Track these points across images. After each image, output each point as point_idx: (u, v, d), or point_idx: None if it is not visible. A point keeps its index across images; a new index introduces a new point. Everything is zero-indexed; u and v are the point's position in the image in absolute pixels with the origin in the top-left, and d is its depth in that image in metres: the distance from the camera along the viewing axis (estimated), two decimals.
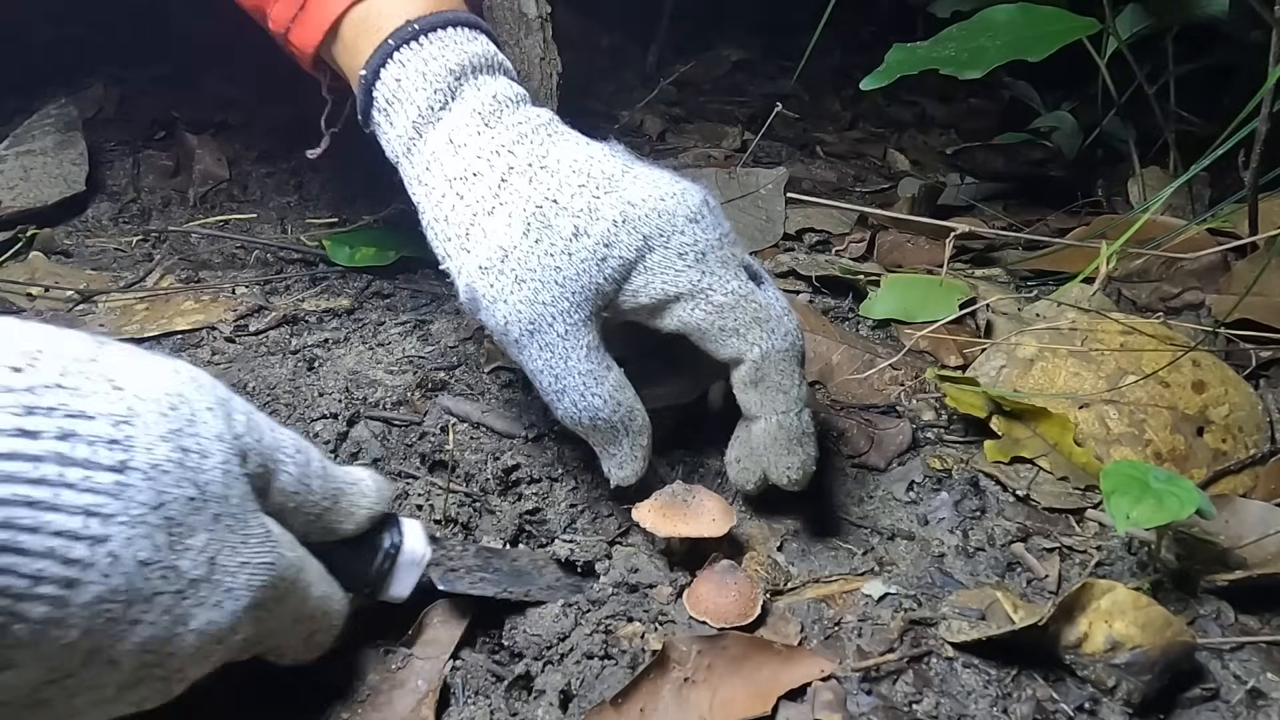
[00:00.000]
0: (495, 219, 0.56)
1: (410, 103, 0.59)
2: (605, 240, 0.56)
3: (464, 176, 0.57)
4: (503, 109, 0.60)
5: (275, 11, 0.64)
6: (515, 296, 0.55)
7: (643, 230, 0.56)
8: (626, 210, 0.56)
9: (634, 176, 0.58)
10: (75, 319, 0.83)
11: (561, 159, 0.58)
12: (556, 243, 0.55)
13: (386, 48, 0.60)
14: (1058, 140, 1.29)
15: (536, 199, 0.56)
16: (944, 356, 0.82)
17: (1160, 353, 0.74)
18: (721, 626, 0.55)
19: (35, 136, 1.03)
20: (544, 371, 0.57)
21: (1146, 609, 0.53)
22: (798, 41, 1.08)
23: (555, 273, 0.55)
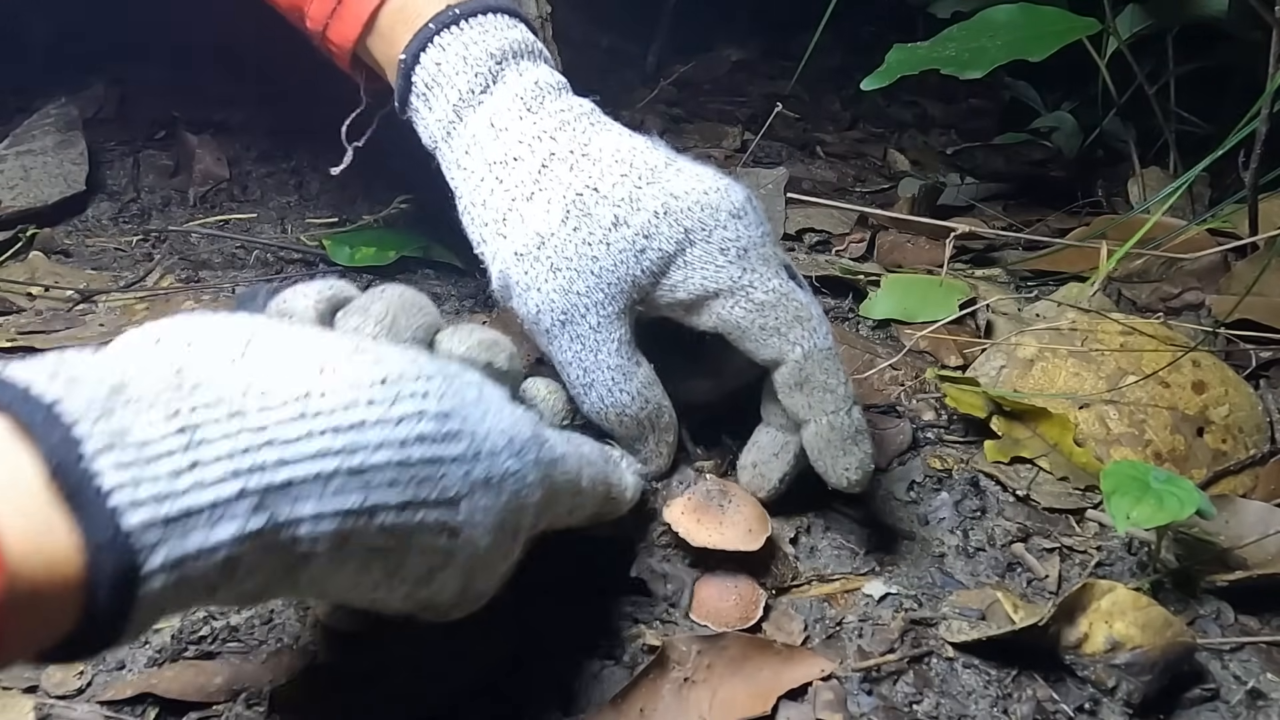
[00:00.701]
0: (534, 204, 0.56)
1: (450, 86, 0.59)
2: (645, 231, 0.55)
3: (504, 161, 0.57)
4: (545, 95, 0.59)
5: (313, 9, 0.64)
6: (550, 285, 0.55)
7: (685, 223, 0.55)
8: (669, 202, 0.55)
9: (677, 169, 0.57)
10: (75, 318, 0.82)
11: (604, 147, 0.57)
12: (595, 231, 0.55)
13: (427, 32, 0.59)
14: (1058, 140, 1.29)
15: (577, 186, 0.55)
16: (944, 356, 0.82)
17: (1160, 353, 0.74)
18: (723, 629, 0.55)
19: (35, 136, 1.03)
20: (573, 364, 0.56)
21: (1147, 609, 0.53)
22: (798, 41, 1.08)
23: (592, 262, 0.55)
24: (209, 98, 1.14)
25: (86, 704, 0.50)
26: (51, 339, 0.78)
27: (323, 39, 0.65)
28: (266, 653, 0.54)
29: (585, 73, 0.86)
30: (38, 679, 0.51)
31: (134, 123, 1.13)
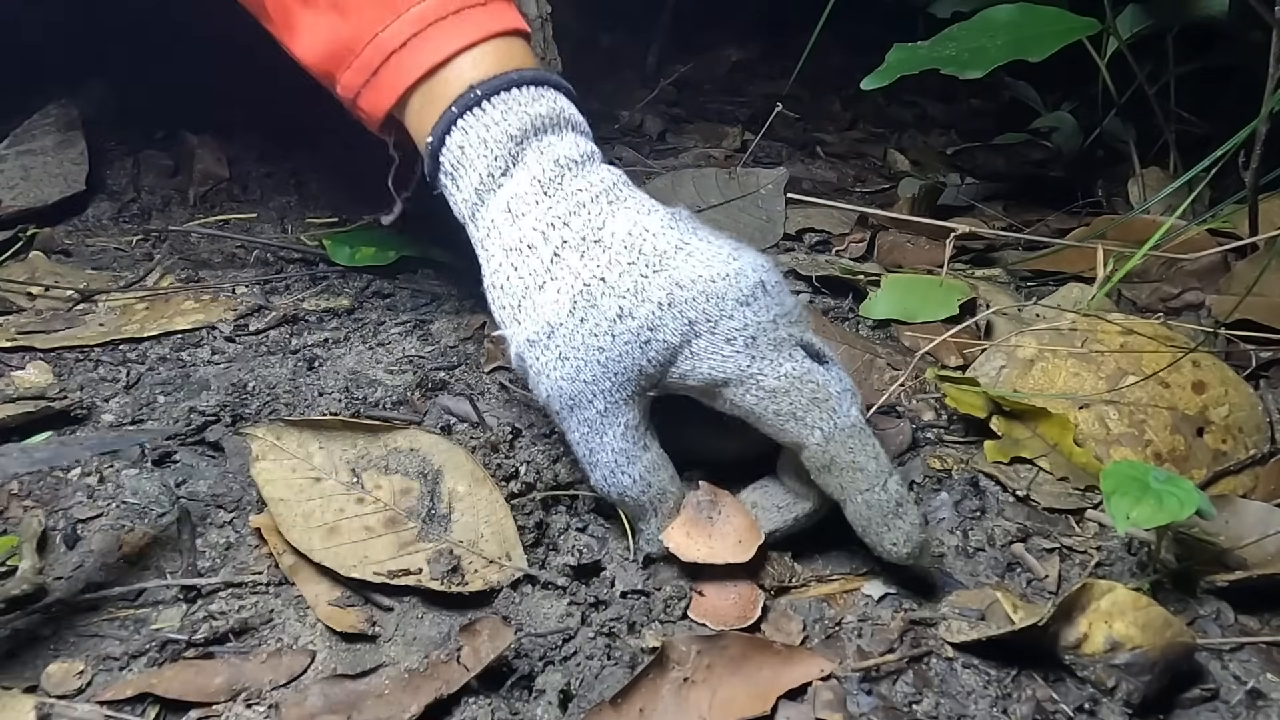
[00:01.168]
0: (545, 294, 0.57)
1: (473, 169, 0.59)
2: (650, 324, 0.55)
3: (519, 248, 0.58)
4: (565, 174, 0.59)
5: (345, 78, 0.64)
6: (558, 373, 0.56)
7: (689, 315, 0.55)
8: (674, 292, 0.55)
9: (687, 254, 0.56)
10: (75, 318, 0.82)
11: (616, 232, 0.57)
12: (601, 323, 0.55)
13: (450, 115, 0.59)
14: (1058, 140, 1.29)
15: (585, 276, 0.56)
16: (944, 356, 0.82)
17: (1160, 353, 0.74)
18: (721, 629, 0.55)
19: (35, 136, 1.03)
20: (580, 444, 0.58)
21: (1146, 609, 0.53)
22: (798, 41, 1.08)
23: (599, 353, 0.55)
24: (209, 98, 1.14)
25: (86, 704, 0.50)
26: (51, 339, 0.78)
27: (353, 105, 0.65)
28: (266, 653, 0.54)
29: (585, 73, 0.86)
30: (38, 679, 0.51)
31: (134, 123, 1.13)
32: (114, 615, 0.56)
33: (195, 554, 0.60)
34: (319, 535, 0.58)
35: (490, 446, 0.68)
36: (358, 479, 0.62)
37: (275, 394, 0.73)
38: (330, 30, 0.63)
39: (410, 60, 0.61)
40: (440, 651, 0.53)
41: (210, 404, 0.71)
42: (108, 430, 0.69)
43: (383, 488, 0.62)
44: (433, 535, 0.60)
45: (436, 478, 0.63)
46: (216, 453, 0.68)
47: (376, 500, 0.61)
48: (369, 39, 0.62)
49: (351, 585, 0.57)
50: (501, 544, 0.60)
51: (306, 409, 0.71)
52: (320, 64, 0.65)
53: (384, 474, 0.62)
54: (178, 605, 0.56)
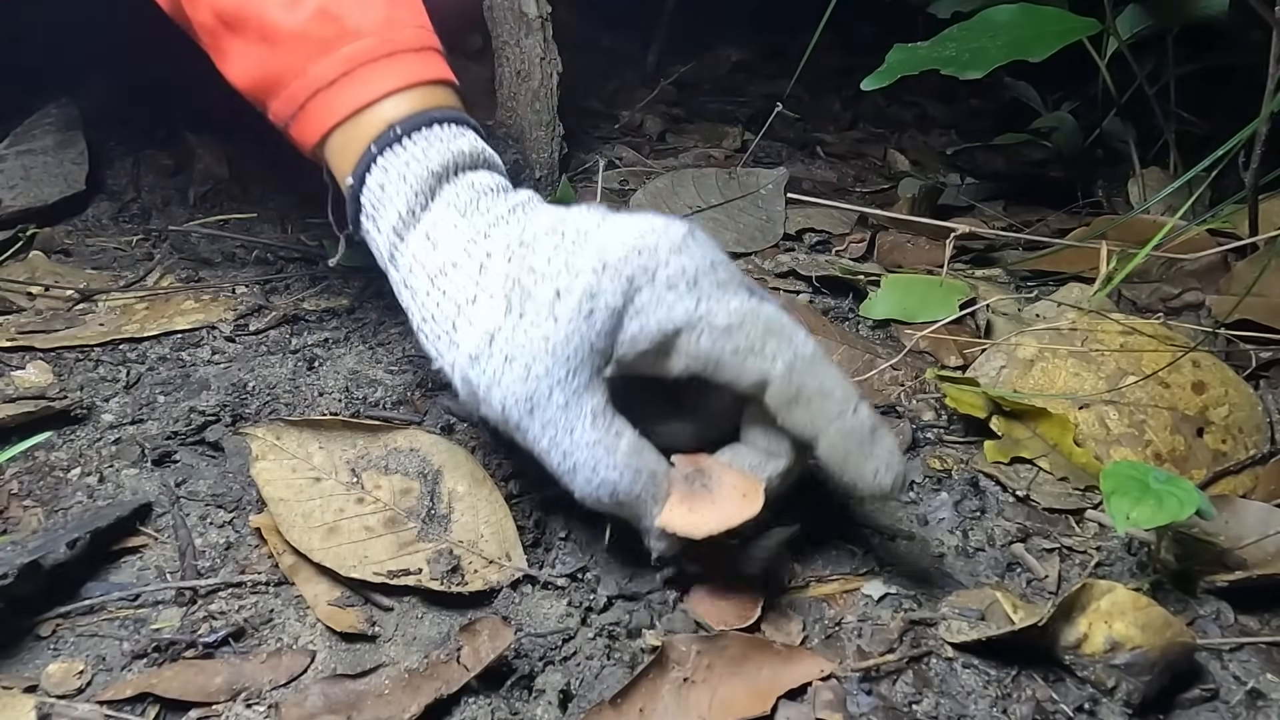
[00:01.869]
0: (478, 306, 0.55)
1: (392, 208, 0.58)
2: (589, 292, 0.53)
3: (444, 271, 0.56)
4: (480, 197, 0.59)
5: (274, 107, 0.64)
6: (508, 376, 0.53)
7: (625, 271, 0.53)
8: (604, 256, 0.53)
9: (611, 225, 0.55)
10: (75, 318, 0.82)
11: (537, 228, 0.56)
12: (540, 310, 0.53)
13: (369, 155, 0.59)
14: (1058, 140, 1.29)
15: (514, 273, 0.54)
16: (944, 356, 0.82)
17: (1160, 353, 0.74)
18: (720, 628, 0.55)
19: (35, 136, 1.03)
20: (551, 450, 0.53)
21: (1146, 610, 0.53)
22: (798, 41, 1.08)
23: (544, 342, 0.52)
24: (209, 98, 1.14)
25: (86, 704, 0.50)
26: (51, 339, 0.78)
27: (284, 130, 0.65)
28: (266, 653, 0.54)
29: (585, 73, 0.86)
30: (38, 679, 0.51)
31: (134, 123, 1.13)
32: (114, 615, 0.56)
33: (195, 554, 0.60)
34: (319, 535, 0.58)
35: (490, 447, 0.68)
36: (357, 479, 0.62)
37: (275, 394, 0.73)
38: (259, 61, 0.63)
39: (336, 100, 0.60)
40: (440, 651, 0.53)
41: (210, 404, 0.71)
42: (108, 430, 0.69)
43: (383, 488, 0.62)
44: (433, 535, 0.60)
45: (436, 478, 0.63)
46: (216, 453, 0.68)
47: (376, 500, 0.61)
48: (298, 73, 0.61)
49: (351, 585, 0.57)
50: (501, 544, 0.60)
51: (306, 409, 0.71)
52: (250, 90, 0.65)
53: (384, 474, 0.62)
54: (178, 605, 0.56)
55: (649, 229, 0.54)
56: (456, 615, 0.56)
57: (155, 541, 0.61)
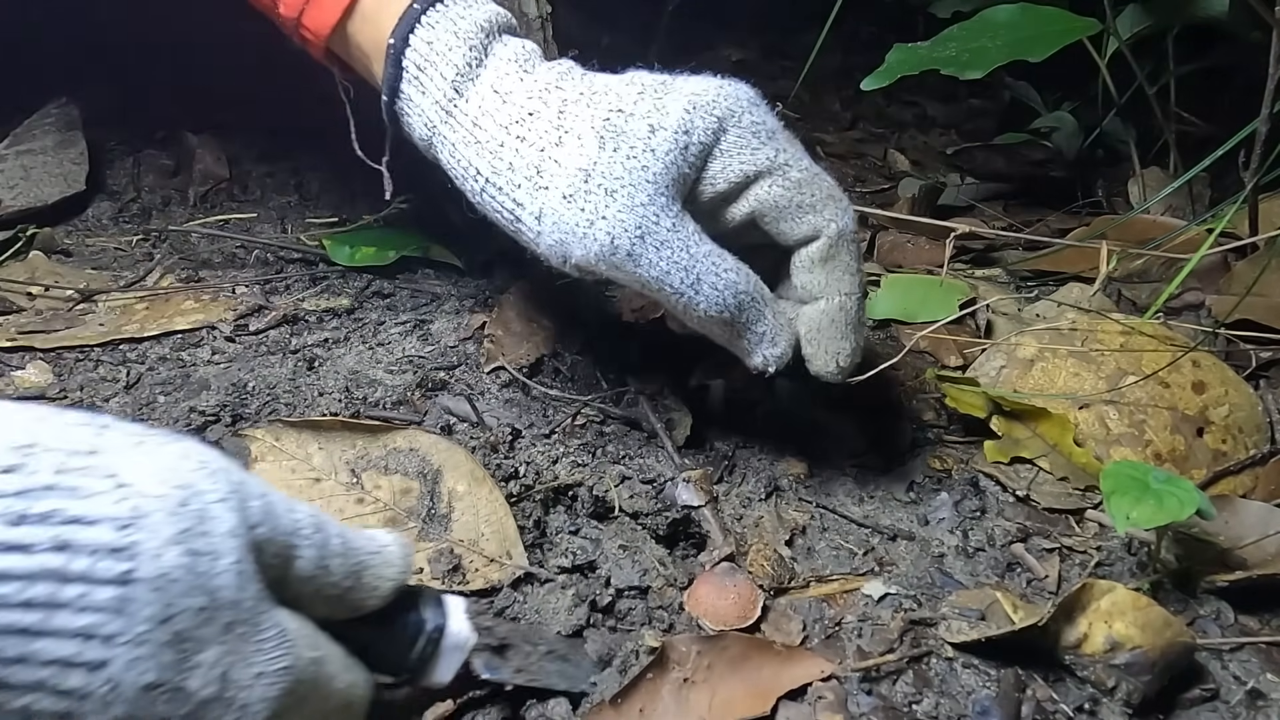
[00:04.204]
0: (565, 147, 0.56)
1: (446, 63, 0.59)
2: (684, 127, 0.55)
3: (520, 119, 0.57)
4: (533, 58, 0.60)
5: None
6: (612, 208, 0.54)
7: (715, 112, 0.56)
8: (694, 98, 0.56)
9: (685, 78, 0.58)
10: (75, 318, 0.82)
11: (609, 82, 0.58)
12: (636, 145, 0.55)
13: (412, 13, 0.59)
14: (1058, 140, 1.29)
15: (601, 114, 0.56)
16: (944, 356, 0.82)
17: (1160, 353, 0.73)
18: (720, 629, 0.55)
19: (35, 136, 1.03)
20: (671, 272, 0.55)
21: (1146, 610, 0.53)
22: (798, 41, 1.08)
23: (644, 171, 0.54)
24: (209, 98, 1.14)
25: None
26: (51, 339, 0.78)
27: (297, 26, 0.63)
28: None
29: None
30: None
31: (134, 123, 1.13)
32: None
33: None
34: None
35: (490, 446, 0.68)
36: (357, 479, 0.62)
37: (275, 394, 0.73)
38: None
39: None
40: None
41: (210, 404, 0.71)
42: None
43: (382, 488, 0.62)
44: (433, 535, 0.60)
45: (436, 477, 0.63)
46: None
47: (376, 500, 0.61)
48: None
49: None
50: (502, 542, 0.60)
51: (306, 409, 0.71)
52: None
53: (383, 474, 0.62)
54: None
55: (725, 82, 0.58)
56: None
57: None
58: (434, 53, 0.59)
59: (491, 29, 0.60)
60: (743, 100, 0.57)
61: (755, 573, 0.59)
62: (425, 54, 0.59)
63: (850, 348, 0.59)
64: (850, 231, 0.58)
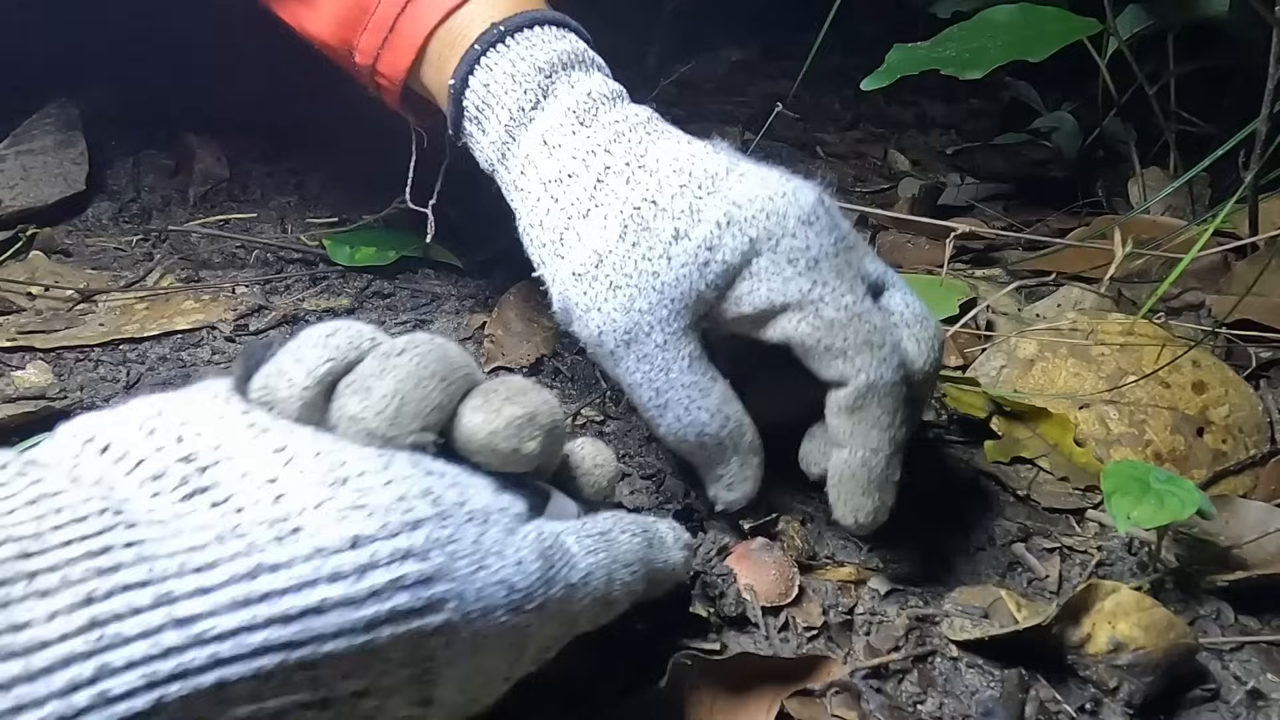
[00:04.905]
0: (590, 222, 0.53)
1: (501, 106, 0.57)
2: (708, 243, 0.51)
3: (558, 179, 0.55)
4: (598, 106, 0.57)
5: (363, 42, 0.62)
6: (610, 304, 0.52)
7: (749, 232, 0.51)
8: (731, 211, 0.52)
9: (740, 175, 0.54)
10: (75, 318, 0.82)
11: (661, 158, 0.54)
12: (655, 246, 0.51)
13: (473, 54, 0.58)
14: (1058, 140, 1.29)
15: (634, 200, 0.53)
16: (944, 356, 0.82)
17: (1161, 353, 0.74)
18: (764, 605, 0.55)
19: (35, 136, 1.03)
20: (643, 385, 0.53)
21: (1150, 611, 0.53)
22: (798, 41, 1.08)
23: (653, 278, 0.51)
24: (209, 98, 1.14)
25: None
26: (51, 339, 0.78)
27: (372, 74, 0.64)
28: None
29: None
30: None
31: (134, 123, 1.13)
32: None
33: None
34: None
35: None
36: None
37: None
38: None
39: (426, 7, 0.60)
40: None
41: None
42: None
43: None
44: None
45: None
46: None
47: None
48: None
49: None
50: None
51: None
52: (336, 34, 0.63)
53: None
54: None
55: (780, 190, 0.53)
56: None
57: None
58: (490, 95, 0.58)
59: (555, 68, 0.57)
60: (789, 219, 0.52)
61: (787, 546, 0.59)
62: (483, 96, 0.58)
63: (872, 506, 0.54)
64: (886, 384, 0.52)
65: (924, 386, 0.56)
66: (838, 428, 0.53)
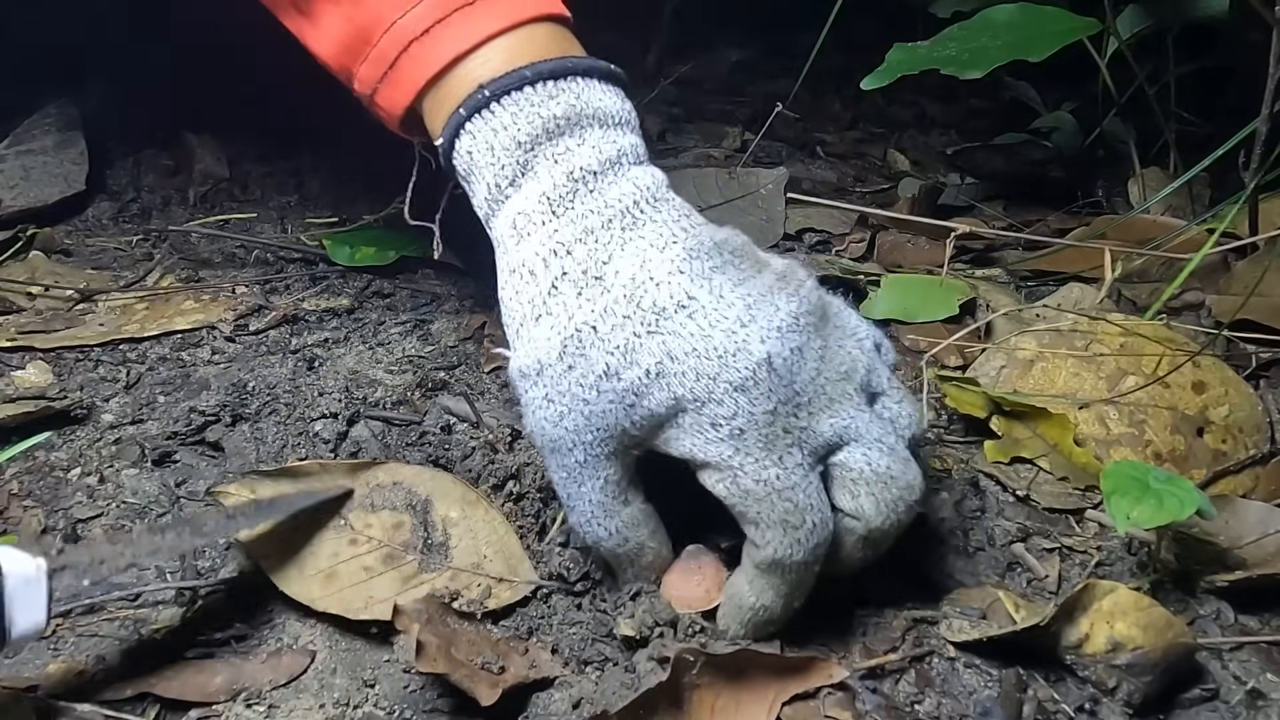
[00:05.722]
0: (540, 327, 0.52)
1: (481, 179, 0.55)
2: (635, 389, 0.50)
3: (520, 271, 0.54)
4: (578, 189, 0.53)
5: (362, 72, 0.60)
6: (542, 414, 0.52)
7: (675, 390, 0.50)
8: (664, 363, 0.50)
9: (689, 314, 0.51)
10: (75, 318, 0.82)
11: (621, 271, 0.52)
12: (588, 376, 0.51)
13: (458, 118, 0.55)
14: (1058, 140, 1.29)
15: (579, 320, 0.51)
16: (944, 356, 0.82)
17: (1161, 353, 0.74)
18: (686, 610, 0.55)
19: (35, 136, 1.03)
20: (559, 486, 0.54)
21: (1148, 610, 0.53)
22: (798, 41, 1.08)
23: (583, 404, 0.51)
24: (209, 98, 1.14)
25: (86, 704, 0.50)
26: (51, 339, 0.78)
27: (370, 103, 0.62)
28: (266, 653, 0.54)
29: None
30: (38, 679, 0.51)
31: (134, 122, 1.13)
32: (114, 615, 0.56)
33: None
34: (317, 584, 0.57)
35: (489, 447, 0.68)
36: (345, 520, 0.60)
37: (275, 394, 0.73)
38: (345, 18, 0.59)
39: (431, 51, 0.56)
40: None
41: (210, 404, 0.71)
42: (108, 430, 0.69)
43: (373, 525, 0.60)
44: (434, 565, 0.59)
45: (426, 507, 0.61)
46: (216, 453, 0.68)
47: (370, 539, 0.59)
48: (386, 27, 0.57)
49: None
50: (508, 560, 0.59)
51: (306, 409, 0.71)
52: (336, 58, 0.61)
53: (371, 512, 0.61)
54: (177, 605, 0.56)
55: (719, 349, 0.50)
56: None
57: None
58: (474, 164, 0.56)
59: (537, 140, 0.54)
60: (720, 384, 0.49)
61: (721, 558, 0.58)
62: (467, 163, 0.56)
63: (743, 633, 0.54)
64: (794, 563, 0.51)
65: (880, 540, 0.53)
66: (745, 570, 0.53)
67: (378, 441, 0.69)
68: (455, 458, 0.67)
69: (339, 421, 0.70)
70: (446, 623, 0.54)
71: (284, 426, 0.70)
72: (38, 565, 0.46)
